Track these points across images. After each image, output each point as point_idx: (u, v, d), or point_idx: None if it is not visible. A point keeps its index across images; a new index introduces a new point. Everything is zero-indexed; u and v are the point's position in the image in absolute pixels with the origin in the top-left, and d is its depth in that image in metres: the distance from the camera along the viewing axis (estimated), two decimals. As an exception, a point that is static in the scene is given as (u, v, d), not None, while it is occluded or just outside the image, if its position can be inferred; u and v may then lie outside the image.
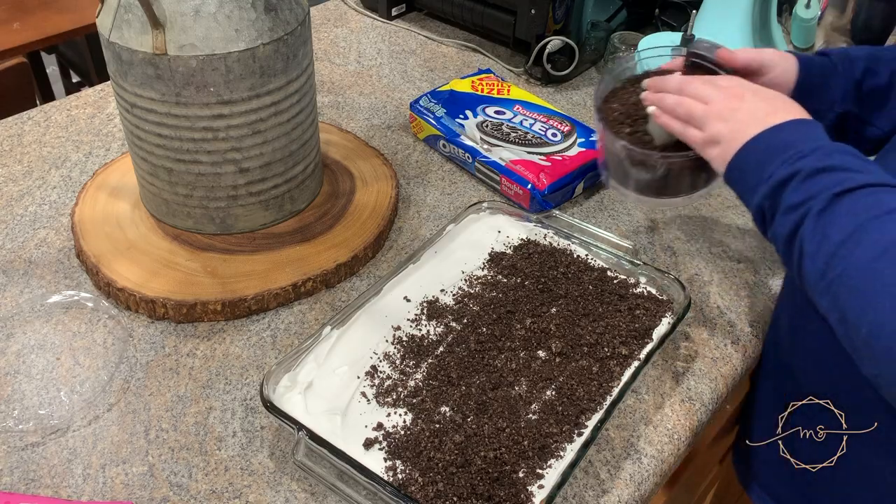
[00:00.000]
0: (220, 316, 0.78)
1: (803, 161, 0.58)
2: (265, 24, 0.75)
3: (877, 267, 0.50)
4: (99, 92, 1.15)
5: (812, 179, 0.57)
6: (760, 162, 0.61)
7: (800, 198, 0.57)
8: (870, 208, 0.53)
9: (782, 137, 0.61)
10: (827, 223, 0.54)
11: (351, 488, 0.61)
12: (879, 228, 0.52)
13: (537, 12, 1.15)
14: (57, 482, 0.64)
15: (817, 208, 0.55)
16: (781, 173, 0.58)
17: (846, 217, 0.54)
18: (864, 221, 0.52)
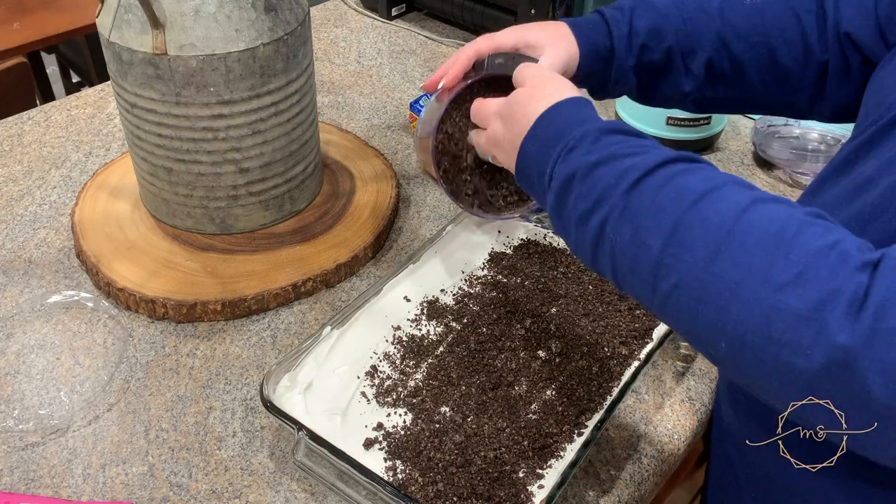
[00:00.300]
0: (220, 316, 0.78)
1: (574, 157, 0.53)
2: (265, 24, 0.75)
3: (714, 270, 0.44)
4: (99, 92, 1.15)
5: (590, 178, 0.51)
6: (538, 164, 0.56)
7: (587, 204, 0.51)
8: (674, 200, 0.47)
9: (549, 130, 0.56)
10: (636, 229, 0.48)
11: (351, 488, 0.61)
12: (699, 223, 0.46)
13: (537, 12, 1.15)
14: (57, 482, 0.64)
15: (616, 214, 0.49)
16: (558, 179, 0.53)
17: (653, 217, 0.47)
18: (677, 218, 0.46)
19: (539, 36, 0.69)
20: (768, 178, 1.02)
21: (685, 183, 0.48)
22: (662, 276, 0.46)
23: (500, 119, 0.63)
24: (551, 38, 0.69)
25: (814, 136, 1.04)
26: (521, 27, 0.70)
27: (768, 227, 0.44)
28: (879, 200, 0.51)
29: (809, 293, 0.40)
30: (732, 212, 0.45)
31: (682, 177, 0.48)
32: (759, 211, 0.45)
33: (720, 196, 0.46)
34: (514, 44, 0.69)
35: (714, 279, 0.44)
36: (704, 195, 0.46)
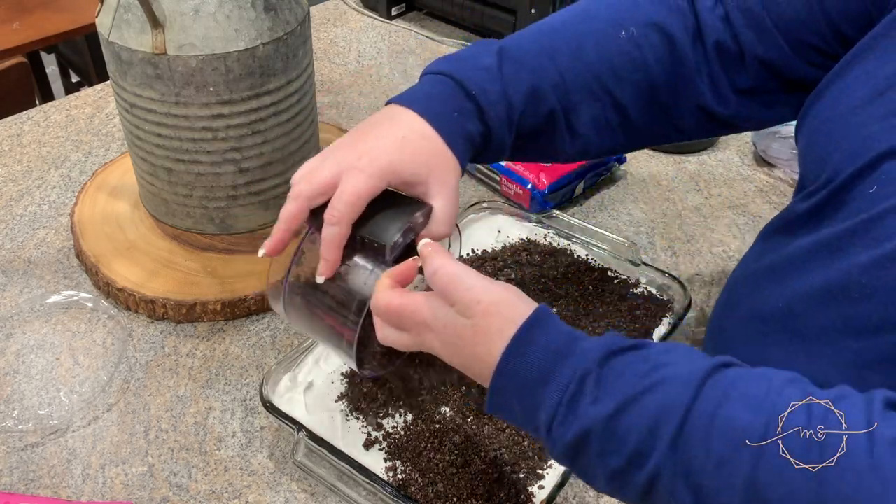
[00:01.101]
0: (220, 316, 0.78)
1: (581, 410, 0.44)
2: (265, 24, 0.74)
3: None
4: (98, 92, 1.15)
5: (616, 435, 0.43)
6: (525, 411, 0.47)
7: (620, 462, 0.43)
8: (732, 445, 0.40)
9: (528, 372, 0.46)
10: (698, 490, 0.41)
11: (351, 488, 0.61)
12: (777, 478, 0.39)
13: (537, 12, 1.15)
14: (56, 482, 0.64)
15: (667, 475, 0.42)
16: (567, 434, 0.45)
17: (717, 474, 0.40)
18: (748, 473, 0.39)
19: (415, 168, 0.54)
20: (768, 178, 1.01)
21: (733, 417, 0.41)
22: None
23: (433, 335, 0.50)
24: (430, 164, 0.55)
25: (814, 136, 1.04)
26: (374, 152, 0.53)
27: (863, 475, 0.37)
28: (865, 279, 0.48)
29: None
30: (808, 454, 0.39)
31: (727, 408, 0.41)
32: (833, 446, 0.39)
33: (784, 427, 0.40)
34: (383, 185, 0.53)
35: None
36: (765, 433, 0.40)
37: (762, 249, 0.63)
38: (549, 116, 0.60)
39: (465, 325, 0.48)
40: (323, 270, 0.53)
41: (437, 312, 0.49)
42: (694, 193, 0.98)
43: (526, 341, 0.46)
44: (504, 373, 0.47)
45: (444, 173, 0.55)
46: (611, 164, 0.99)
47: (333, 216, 0.52)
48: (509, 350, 0.46)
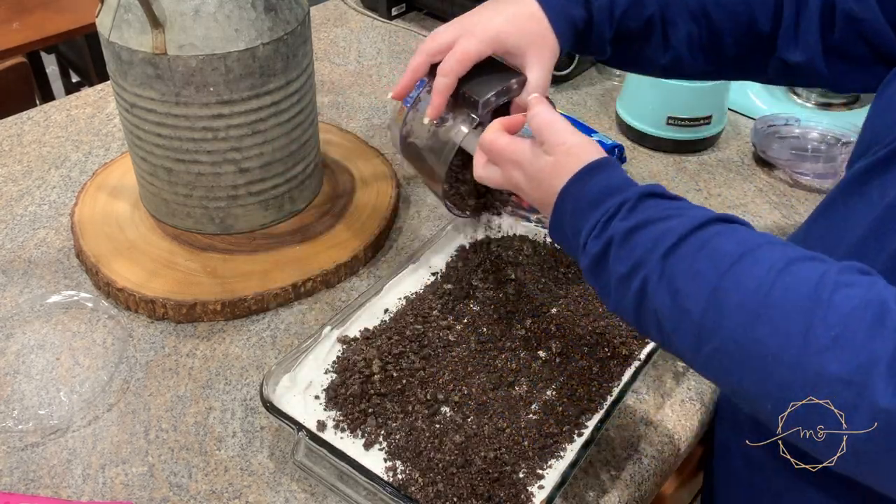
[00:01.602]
0: (220, 316, 0.78)
1: (612, 224, 0.52)
2: (265, 24, 0.74)
3: (754, 336, 0.44)
4: (99, 92, 1.15)
5: (628, 243, 0.51)
6: (573, 224, 0.56)
7: (625, 269, 0.51)
8: (710, 264, 0.47)
9: (583, 197, 0.55)
10: (675, 293, 0.48)
11: (351, 488, 0.61)
12: (736, 287, 0.46)
13: (537, 12, 1.15)
14: (57, 482, 0.64)
15: (654, 279, 0.49)
16: (595, 246, 0.53)
17: (691, 282, 0.48)
18: (715, 283, 0.47)
19: (518, 41, 0.64)
20: (768, 178, 1.02)
21: (721, 246, 0.48)
22: (704, 341, 0.47)
23: (521, 172, 0.60)
24: (532, 40, 0.64)
25: (814, 136, 1.04)
26: (487, 23, 0.65)
27: (803, 290, 0.44)
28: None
29: (848, 357, 0.41)
30: (768, 275, 0.45)
31: (718, 239, 0.49)
32: (793, 272, 0.45)
33: (755, 259, 0.46)
34: (490, 51, 0.65)
35: (754, 345, 0.44)
36: (740, 258, 0.47)
37: (814, 217, 0.66)
38: (647, 22, 0.68)
39: (547, 161, 0.57)
40: (430, 113, 0.65)
41: (529, 153, 0.59)
42: (694, 193, 0.98)
43: (588, 175, 0.55)
44: (565, 197, 0.56)
45: (542, 50, 0.65)
46: (611, 164, 0.99)
47: (444, 69, 0.65)
48: (573, 179, 0.56)
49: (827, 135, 1.04)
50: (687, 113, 1.02)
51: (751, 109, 1.15)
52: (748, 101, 1.15)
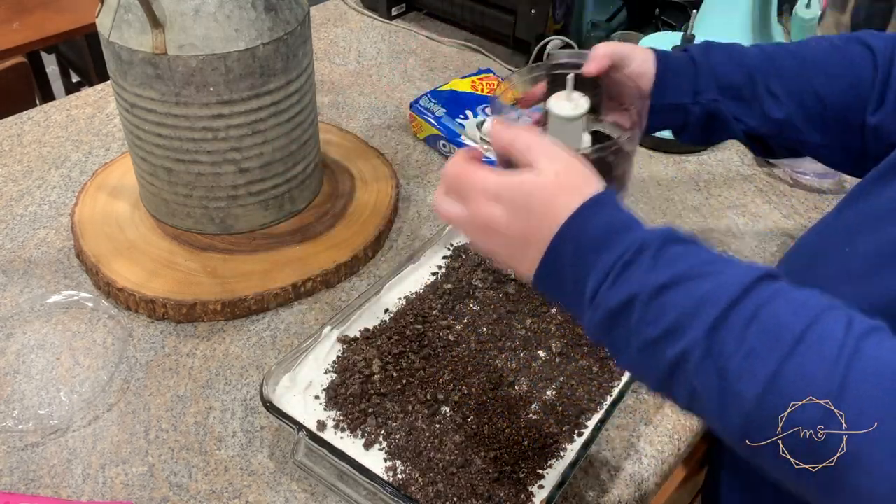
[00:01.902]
0: (220, 316, 0.78)
1: (634, 274, 0.45)
2: (265, 24, 0.74)
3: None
4: (99, 92, 1.15)
5: (659, 303, 0.44)
6: (575, 270, 0.48)
7: (656, 332, 0.44)
8: (768, 341, 0.42)
9: (588, 232, 0.47)
10: (723, 373, 0.42)
11: (351, 488, 0.61)
12: (801, 375, 0.41)
13: (537, 12, 1.15)
14: (57, 482, 0.64)
15: (698, 354, 0.43)
16: (613, 299, 0.46)
17: (745, 362, 0.42)
18: (776, 367, 0.41)
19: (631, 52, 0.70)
20: (768, 178, 1.02)
21: (777, 317, 0.42)
22: (756, 430, 0.42)
23: (496, 202, 0.50)
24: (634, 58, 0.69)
25: (814, 136, 1.04)
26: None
27: (883, 379, 0.39)
28: None
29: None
30: (839, 360, 0.40)
31: (771, 307, 0.43)
32: (868, 352, 0.40)
33: (820, 335, 0.41)
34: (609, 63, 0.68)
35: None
36: (803, 336, 0.41)
37: (839, 207, 0.65)
38: (749, 78, 0.69)
39: (540, 179, 0.49)
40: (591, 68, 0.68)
41: (513, 182, 0.50)
42: (694, 193, 0.98)
43: (591, 211, 0.48)
44: (564, 236, 0.48)
45: (638, 66, 0.69)
46: (611, 164, 0.99)
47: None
48: (574, 216, 0.47)
49: (827, 135, 1.04)
50: (687, 113, 1.02)
51: (751, 109, 1.15)
52: (748, 101, 1.15)
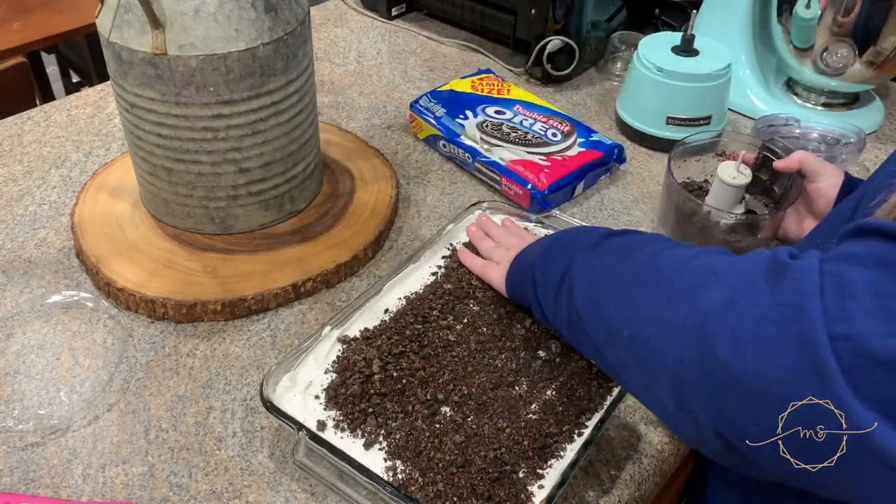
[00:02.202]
0: (220, 316, 0.78)
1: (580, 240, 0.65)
2: (265, 24, 0.75)
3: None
4: (99, 92, 1.15)
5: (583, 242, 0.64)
6: (529, 253, 0.70)
7: (563, 255, 0.63)
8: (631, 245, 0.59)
9: (552, 235, 0.70)
10: (597, 254, 0.60)
11: (351, 488, 0.61)
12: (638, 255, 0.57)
13: (537, 12, 1.15)
14: (57, 482, 0.64)
15: (588, 245, 0.62)
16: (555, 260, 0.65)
17: (617, 248, 0.60)
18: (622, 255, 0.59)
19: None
20: (768, 178, 1.01)
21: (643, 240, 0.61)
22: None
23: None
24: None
25: (814, 136, 1.04)
26: None
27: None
28: None
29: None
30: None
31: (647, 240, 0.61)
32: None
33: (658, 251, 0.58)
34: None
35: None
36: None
37: None
38: None
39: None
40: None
41: None
42: (694, 193, 0.98)
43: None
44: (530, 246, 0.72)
45: (826, 185, 0.81)
46: (611, 164, 0.99)
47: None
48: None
49: (827, 135, 1.04)
50: (687, 113, 1.02)
51: (751, 109, 1.15)
52: (748, 101, 1.15)
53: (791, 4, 1.03)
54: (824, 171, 0.81)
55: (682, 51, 1.02)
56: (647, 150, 1.06)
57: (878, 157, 1.07)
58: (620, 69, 1.24)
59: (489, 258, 0.77)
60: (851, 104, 1.14)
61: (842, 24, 0.99)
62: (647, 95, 1.03)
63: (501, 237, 0.80)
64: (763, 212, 0.88)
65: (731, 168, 0.82)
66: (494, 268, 0.75)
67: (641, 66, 1.02)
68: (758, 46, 1.16)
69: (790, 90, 1.17)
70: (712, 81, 1.00)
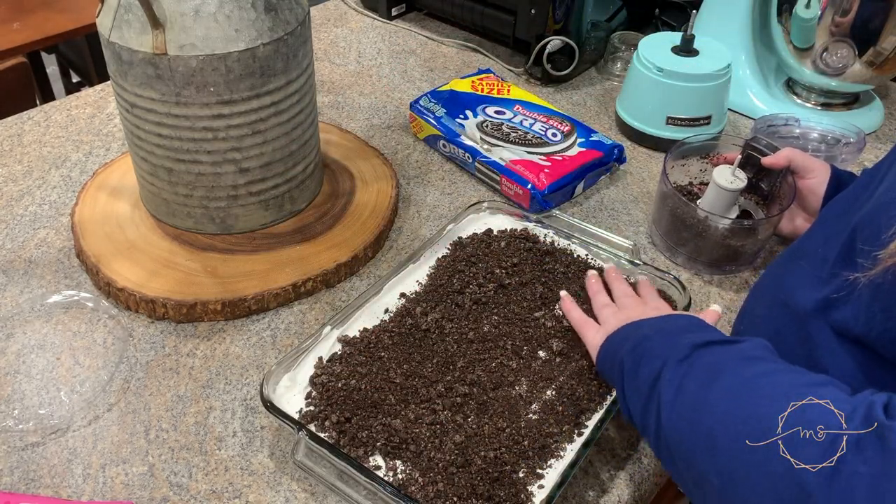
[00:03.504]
0: (220, 316, 0.78)
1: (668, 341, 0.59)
2: (265, 24, 0.75)
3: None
4: (99, 92, 1.15)
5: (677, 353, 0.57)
6: (622, 340, 0.63)
7: (657, 362, 0.57)
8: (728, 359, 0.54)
9: (646, 325, 0.63)
10: (686, 373, 0.54)
11: (351, 488, 0.61)
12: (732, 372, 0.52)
13: (537, 12, 1.15)
14: (57, 482, 0.64)
15: (677, 358, 0.55)
16: (654, 367, 0.57)
17: (706, 367, 0.54)
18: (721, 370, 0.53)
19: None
20: (768, 177, 1.02)
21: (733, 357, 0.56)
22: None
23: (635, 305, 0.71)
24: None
25: (814, 136, 1.04)
26: None
27: None
28: None
29: None
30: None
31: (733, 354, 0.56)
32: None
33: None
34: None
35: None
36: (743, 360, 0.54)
37: None
38: None
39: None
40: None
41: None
42: (694, 193, 0.98)
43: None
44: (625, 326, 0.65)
45: (815, 181, 0.81)
46: (611, 164, 0.99)
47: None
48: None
49: (827, 135, 1.04)
50: (687, 113, 1.02)
51: (751, 109, 1.15)
52: (748, 101, 1.16)
53: (791, 4, 1.03)
54: (813, 167, 0.81)
55: (682, 51, 1.02)
56: (647, 150, 1.07)
57: (878, 157, 1.07)
58: (620, 69, 1.24)
59: (597, 316, 0.71)
60: (851, 104, 1.14)
61: (841, 24, 0.99)
62: (647, 95, 1.03)
63: (620, 297, 0.73)
64: (754, 210, 0.88)
65: (727, 172, 0.82)
66: (593, 330, 0.69)
67: (641, 66, 1.02)
68: (758, 46, 1.16)
69: (790, 90, 1.17)
70: (712, 81, 1.00)
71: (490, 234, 0.85)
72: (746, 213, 0.87)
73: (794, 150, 0.82)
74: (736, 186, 0.81)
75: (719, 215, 0.82)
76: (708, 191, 0.84)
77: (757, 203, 0.88)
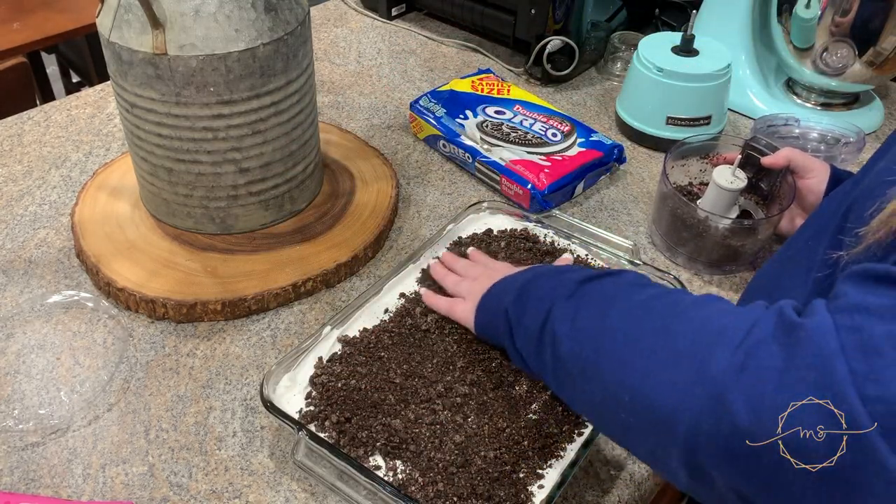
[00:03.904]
0: (220, 316, 0.78)
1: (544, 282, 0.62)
2: (265, 24, 0.75)
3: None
4: (99, 92, 1.15)
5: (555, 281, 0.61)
6: (499, 294, 0.66)
7: (545, 293, 0.60)
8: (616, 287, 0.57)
9: (522, 276, 0.65)
10: (578, 306, 0.57)
11: (351, 488, 0.61)
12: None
13: (537, 12, 1.15)
14: (57, 482, 0.64)
15: (564, 295, 0.58)
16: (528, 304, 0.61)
17: (597, 298, 0.56)
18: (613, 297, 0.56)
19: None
20: (768, 178, 1.02)
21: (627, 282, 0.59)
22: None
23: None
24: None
25: (814, 136, 1.04)
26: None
27: None
28: None
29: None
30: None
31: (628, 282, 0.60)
32: None
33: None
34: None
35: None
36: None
37: None
38: None
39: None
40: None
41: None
42: (694, 193, 0.98)
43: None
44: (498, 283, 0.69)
45: (815, 181, 0.82)
46: (611, 164, 0.99)
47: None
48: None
49: (827, 135, 1.04)
50: (687, 113, 1.02)
51: (751, 109, 1.15)
52: (748, 101, 1.16)
53: (791, 4, 1.03)
54: (813, 167, 0.82)
55: (682, 51, 1.02)
56: (647, 150, 1.07)
57: (878, 157, 1.07)
58: (620, 69, 1.24)
59: (455, 294, 0.74)
60: (851, 104, 1.14)
61: (841, 24, 0.99)
62: (647, 95, 1.03)
63: (465, 269, 0.76)
64: (754, 210, 0.88)
65: (728, 172, 0.83)
66: (461, 304, 0.71)
67: (641, 66, 1.02)
68: (758, 46, 1.16)
69: (790, 90, 1.17)
70: (712, 81, 1.00)
71: (490, 234, 0.85)
72: (746, 213, 0.87)
73: (794, 150, 0.82)
74: (736, 186, 0.82)
75: (719, 215, 0.82)
76: (708, 191, 0.84)
77: (757, 203, 0.88)
